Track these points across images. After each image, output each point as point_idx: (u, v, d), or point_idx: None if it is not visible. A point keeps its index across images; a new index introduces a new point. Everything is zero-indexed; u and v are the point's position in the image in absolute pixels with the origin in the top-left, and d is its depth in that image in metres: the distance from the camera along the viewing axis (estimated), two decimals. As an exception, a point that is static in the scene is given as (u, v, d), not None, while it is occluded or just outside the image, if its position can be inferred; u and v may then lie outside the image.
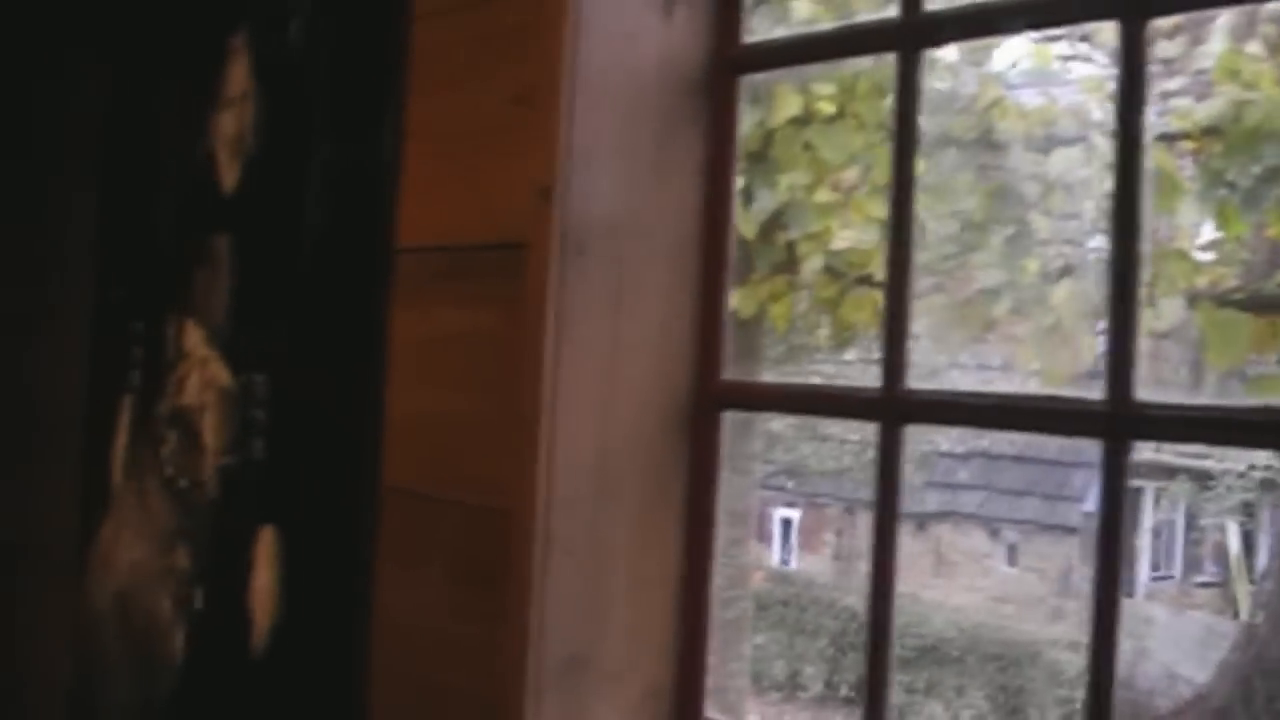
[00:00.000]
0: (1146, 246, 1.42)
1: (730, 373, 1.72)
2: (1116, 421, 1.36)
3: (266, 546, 2.01)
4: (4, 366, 2.65)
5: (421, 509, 1.79)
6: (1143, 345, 1.35)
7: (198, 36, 2.28)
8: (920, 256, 1.67)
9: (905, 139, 1.54)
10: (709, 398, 1.74)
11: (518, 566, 1.64)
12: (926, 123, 1.61)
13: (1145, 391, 1.34)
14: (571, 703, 1.65)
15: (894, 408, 1.57)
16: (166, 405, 2.29)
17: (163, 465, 2.29)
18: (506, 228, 1.68)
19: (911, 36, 1.56)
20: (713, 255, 1.75)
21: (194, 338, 2.23)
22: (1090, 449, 1.40)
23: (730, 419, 1.72)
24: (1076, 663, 8.97)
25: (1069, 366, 5.35)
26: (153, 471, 2.31)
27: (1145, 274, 1.37)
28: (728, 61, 1.75)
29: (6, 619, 2.71)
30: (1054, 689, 9.20)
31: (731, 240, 1.76)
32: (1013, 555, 11.86)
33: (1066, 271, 5.60)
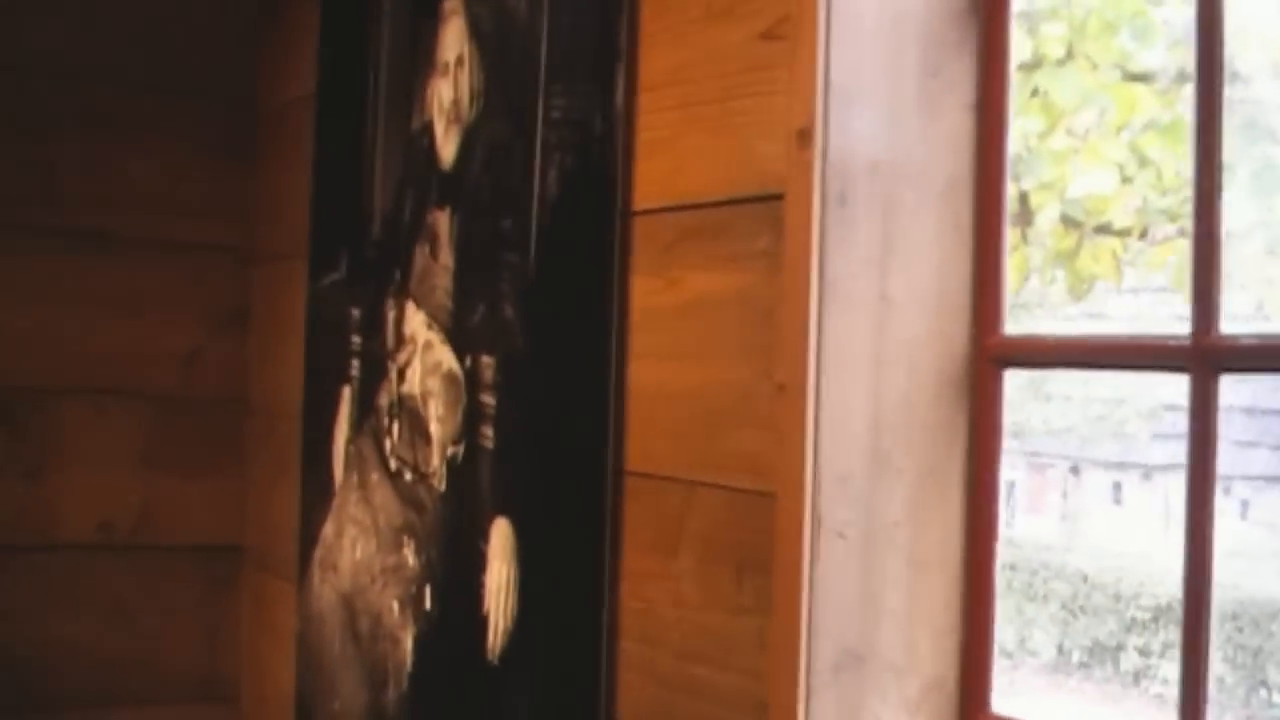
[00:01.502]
0: None
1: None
2: None
3: (500, 541, 1.91)
4: (218, 360, 2.60)
5: (669, 494, 1.67)
6: None
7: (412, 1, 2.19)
8: (1164, 201, 1.49)
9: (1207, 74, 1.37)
10: (989, 355, 1.59)
11: (786, 553, 1.51)
12: (1165, 57, 1.42)
13: None
14: (847, 700, 1.52)
15: (1208, 356, 1.39)
16: (388, 394, 2.21)
17: (386, 458, 2.21)
18: (761, 177, 1.55)
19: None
20: (987, 196, 1.60)
21: (415, 321, 2.15)
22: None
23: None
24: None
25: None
26: (376, 465, 2.23)
27: None
28: (998, -18, 1.59)
29: (231, 626, 2.67)
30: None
31: (1006, 179, 1.60)
32: (1245, 510, 11.37)
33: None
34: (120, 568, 2.63)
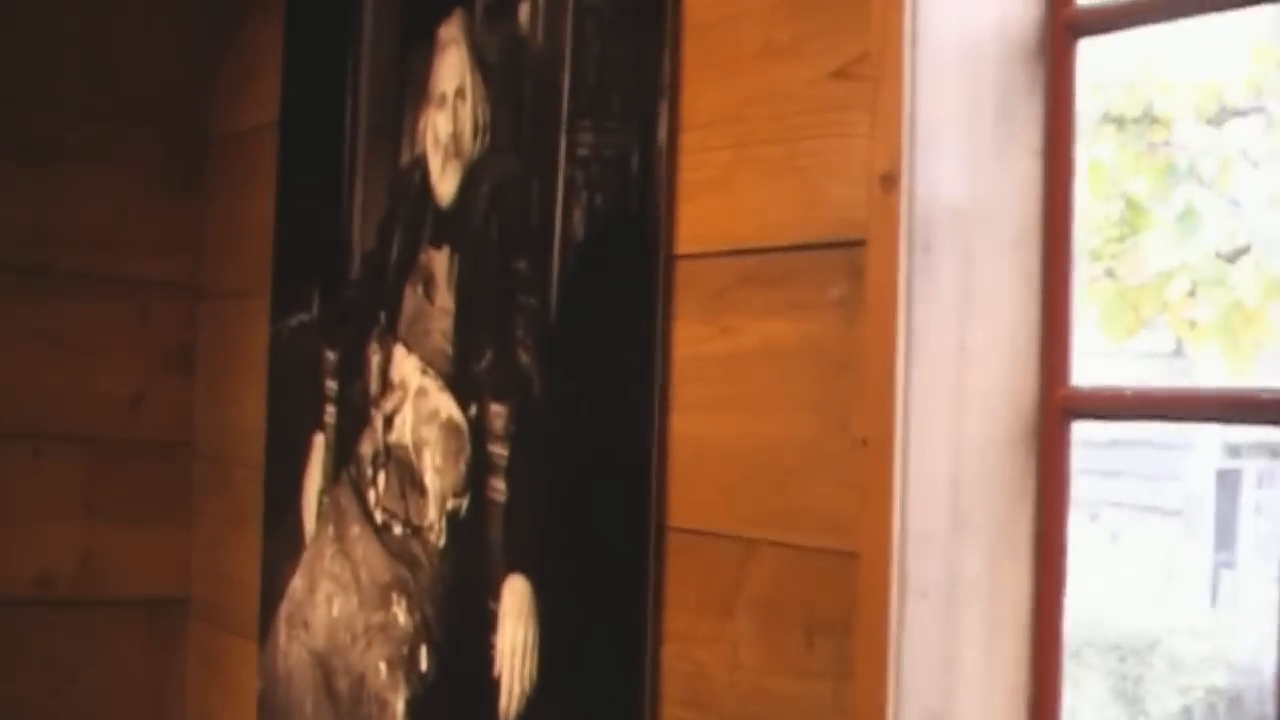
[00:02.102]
0: None
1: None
2: None
3: (515, 600, 1.82)
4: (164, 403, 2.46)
5: (722, 552, 1.59)
6: None
7: (396, 25, 2.09)
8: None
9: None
10: (1058, 407, 1.54)
11: (870, 614, 1.44)
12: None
13: None
14: (925, 770, 1.45)
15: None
16: (372, 443, 2.10)
17: (370, 510, 2.10)
18: (836, 223, 1.49)
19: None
20: (1056, 243, 1.55)
21: (406, 366, 2.04)
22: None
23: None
24: (1195, 650, 8.71)
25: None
26: (357, 518, 2.12)
27: None
28: (1066, 23, 1.55)
29: (178, 683, 2.53)
30: (1176, 676, 8.93)
31: (1074, 226, 1.56)
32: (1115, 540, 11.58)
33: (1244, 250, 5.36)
34: (60, 623, 2.47)
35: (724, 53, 1.63)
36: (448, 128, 1.98)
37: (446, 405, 1.96)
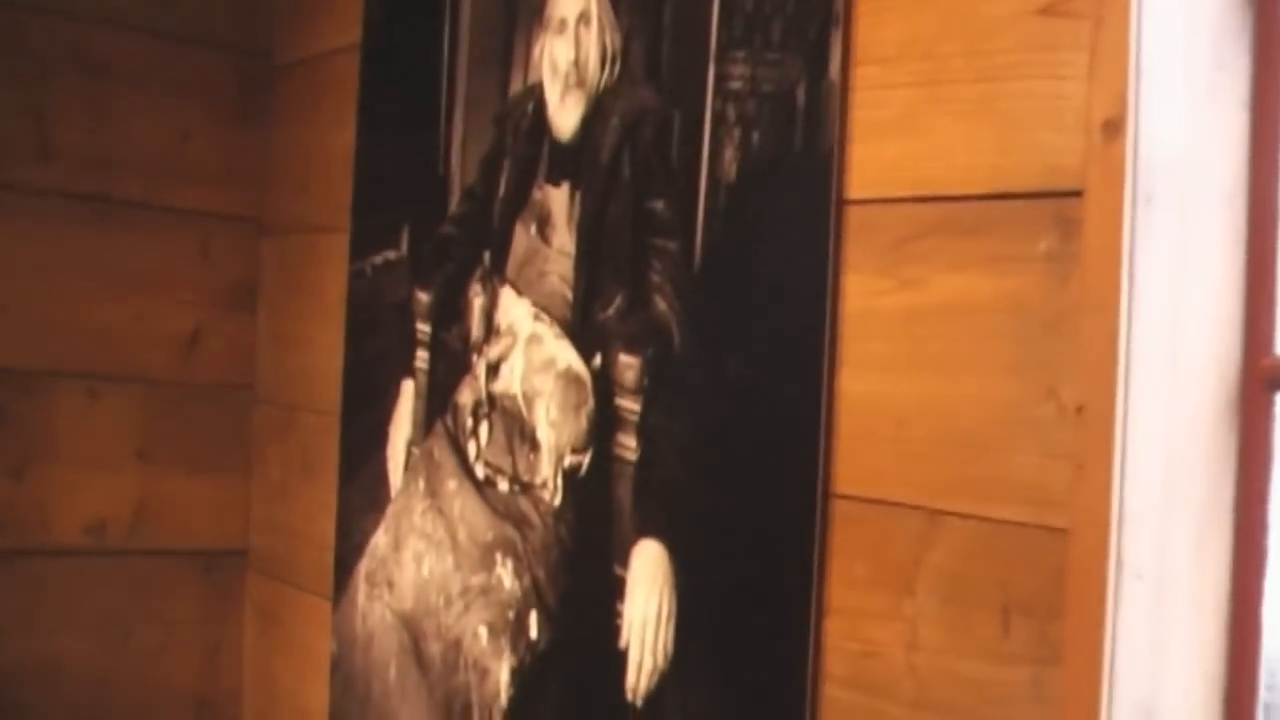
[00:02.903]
0: None
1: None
2: None
3: (647, 566, 1.72)
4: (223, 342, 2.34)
5: (899, 523, 1.50)
6: None
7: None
8: None
9: None
10: (1261, 377, 1.44)
11: (1084, 596, 1.34)
12: None
13: None
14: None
15: None
16: (473, 392, 1.99)
17: (471, 464, 1.98)
18: (1047, 171, 1.38)
19: None
20: (1263, 202, 1.45)
21: (515, 311, 1.93)
22: None
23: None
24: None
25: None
26: (455, 472, 2.01)
27: None
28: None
29: (234, 639, 2.42)
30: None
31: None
32: None
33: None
34: (112, 574, 2.35)
35: (911, -19, 1.51)
36: (569, 55, 1.86)
37: (565, 354, 1.85)
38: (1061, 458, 1.37)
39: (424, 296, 2.10)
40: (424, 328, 2.10)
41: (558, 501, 1.86)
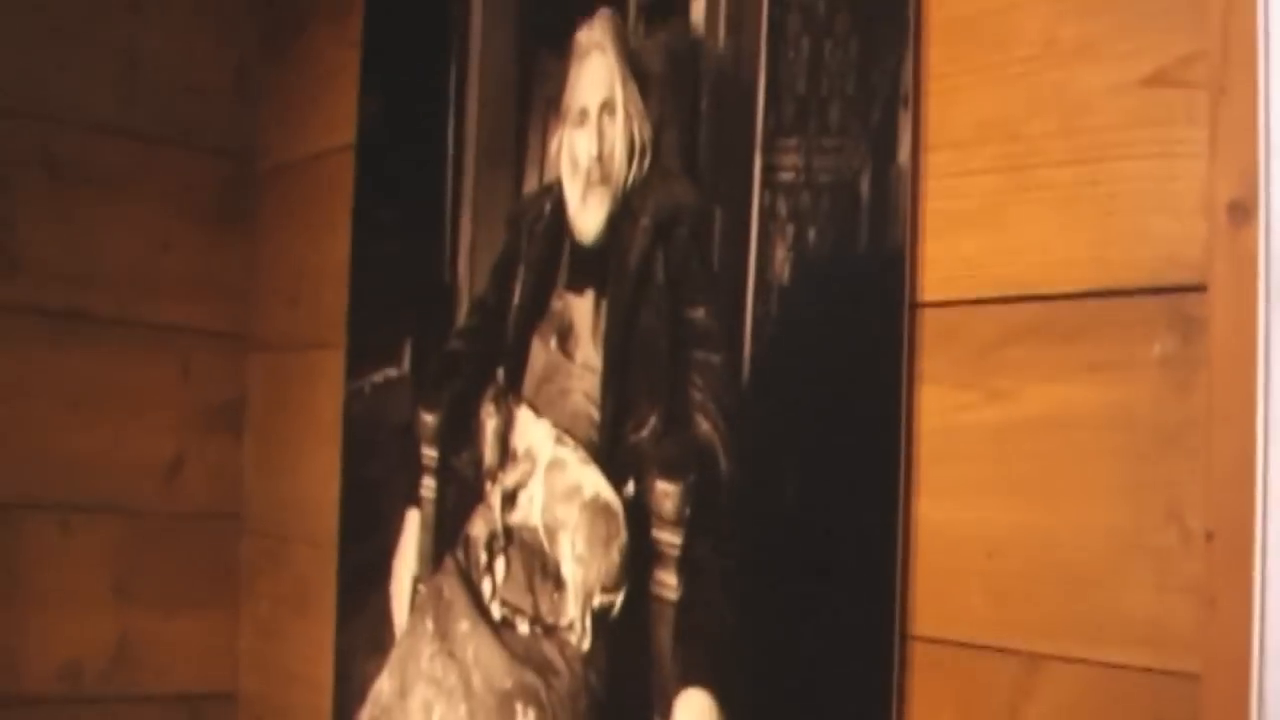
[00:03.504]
0: None
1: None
2: None
3: (694, 718, 1.51)
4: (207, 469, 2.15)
5: (992, 667, 1.31)
6: None
7: (515, 31, 1.80)
8: None
9: None
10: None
11: (1223, 755, 1.14)
12: None
13: None
14: None
15: None
16: (488, 524, 1.80)
17: (486, 604, 1.79)
18: (1162, 263, 1.21)
19: None
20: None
21: (534, 433, 1.74)
22: None
23: None
24: None
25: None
26: (468, 612, 1.82)
27: None
28: None
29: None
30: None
31: None
32: None
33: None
34: (89, 724, 2.14)
35: (987, 54, 1.35)
36: (591, 149, 1.69)
37: (592, 481, 1.66)
38: (1187, 591, 1.19)
39: (429, 418, 1.91)
40: (430, 452, 1.91)
41: (587, 645, 1.66)
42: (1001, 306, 1.34)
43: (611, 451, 1.66)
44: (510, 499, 1.79)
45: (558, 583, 1.72)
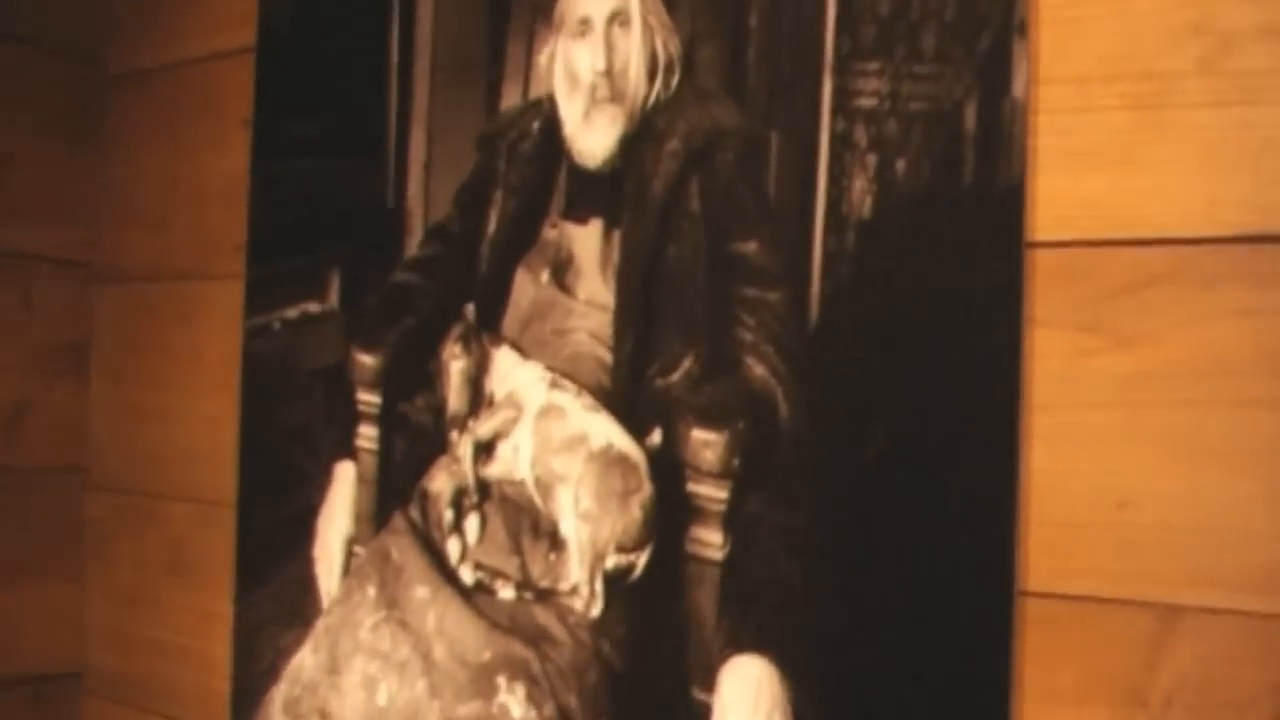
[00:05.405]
0: None
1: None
2: None
3: (748, 688, 1.51)
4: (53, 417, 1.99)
5: (1121, 623, 1.32)
6: None
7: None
8: None
9: None
10: None
11: None
12: None
13: None
14: None
15: None
16: (452, 477, 1.72)
17: (452, 566, 1.71)
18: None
19: None
20: None
21: (519, 376, 1.68)
22: None
23: None
24: None
25: None
26: (425, 575, 1.74)
27: None
28: None
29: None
30: None
31: None
32: None
33: None
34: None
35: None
36: (597, 63, 1.62)
37: (602, 429, 1.61)
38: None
39: (368, 359, 1.81)
40: (369, 398, 1.81)
41: (596, 611, 1.61)
42: (1133, 249, 1.35)
43: (629, 397, 1.60)
44: (486, 450, 1.71)
45: (554, 542, 1.66)
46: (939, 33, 1.44)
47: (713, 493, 1.55)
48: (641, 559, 1.61)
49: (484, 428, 1.74)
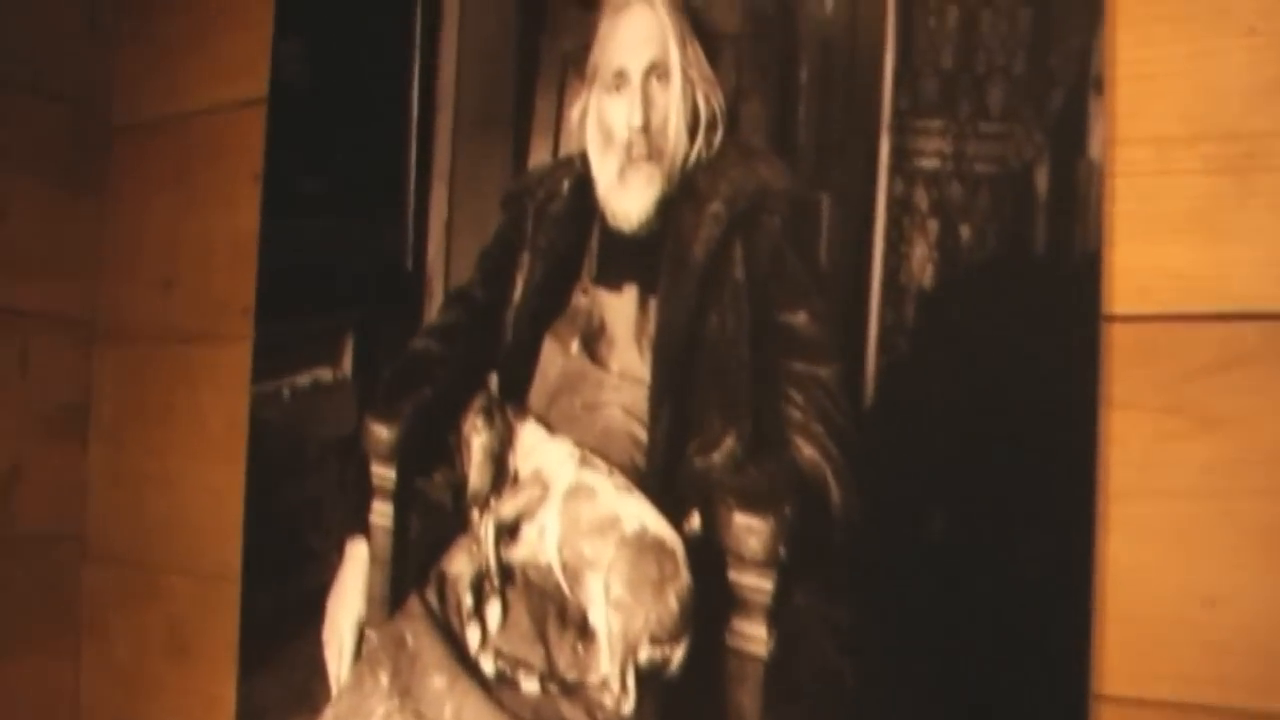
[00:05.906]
0: None
1: None
2: None
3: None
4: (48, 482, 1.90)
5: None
6: None
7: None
8: None
9: None
10: None
11: None
12: None
13: None
14: None
15: None
16: (472, 559, 1.63)
17: (471, 654, 1.62)
18: None
19: None
20: None
21: (546, 453, 1.59)
22: None
23: None
24: None
25: None
26: (442, 664, 1.65)
27: None
28: None
29: None
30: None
31: None
32: None
33: None
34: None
35: (1196, 37, 1.26)
36: (634, 119, 1.54)
37: (636, 511, 1.52)
38: None
39: (383, 431, 1.72)
40: (384, 472, 1.72)
41: (629, 708, 1.52)
42: (1219, 324, 1.26)
43: (666, 478, 1.51)
44: (510, 531, 1.62)
45: (582, 632, 1.56)
46: (1007, 88, 1.35)
47: (756, 583, 1.46)
48: (678, 652, 1.51)
49: (507, 507, 1.64)
